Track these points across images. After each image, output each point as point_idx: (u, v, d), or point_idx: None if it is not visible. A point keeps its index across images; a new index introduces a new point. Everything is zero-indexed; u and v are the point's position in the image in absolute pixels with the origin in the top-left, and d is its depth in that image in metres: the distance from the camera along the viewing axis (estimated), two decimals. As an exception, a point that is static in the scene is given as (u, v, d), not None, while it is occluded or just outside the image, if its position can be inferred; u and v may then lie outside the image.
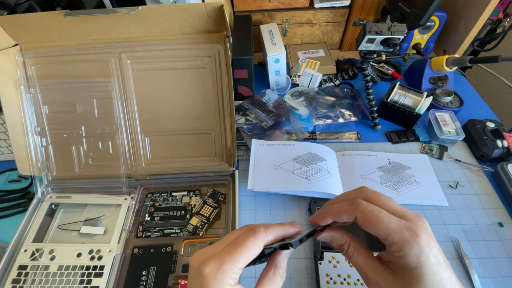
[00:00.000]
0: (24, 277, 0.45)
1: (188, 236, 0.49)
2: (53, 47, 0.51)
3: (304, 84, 0.74)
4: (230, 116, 0.53)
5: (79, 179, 0.55)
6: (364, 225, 0.27)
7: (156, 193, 0.55)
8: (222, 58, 0.50)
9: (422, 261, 0.24)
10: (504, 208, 0.51)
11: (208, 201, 0.53)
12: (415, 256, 0.24)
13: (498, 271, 0.44)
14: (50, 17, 0.47)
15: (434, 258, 0.25)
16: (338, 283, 0.43)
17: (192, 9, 0.45)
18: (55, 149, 0.55)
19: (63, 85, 0.52)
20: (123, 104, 0.53)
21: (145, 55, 0.51)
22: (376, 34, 0.54)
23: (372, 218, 0.26)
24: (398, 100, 0.64)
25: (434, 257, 0.25)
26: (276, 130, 0.64)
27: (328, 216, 0.29)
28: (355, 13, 0.78)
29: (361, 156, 0.59)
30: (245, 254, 0.24)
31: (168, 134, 0.55)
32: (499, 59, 0.55)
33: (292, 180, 0.53)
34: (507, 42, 0.88)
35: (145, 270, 0.45)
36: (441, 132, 0.60)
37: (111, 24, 0.48)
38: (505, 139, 0.57)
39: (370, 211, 0.26)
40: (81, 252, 0.47)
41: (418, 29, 0.78)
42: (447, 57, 0.66)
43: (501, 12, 0.72)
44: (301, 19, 0.81)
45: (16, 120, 0.52)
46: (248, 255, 0.24)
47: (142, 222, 0.51)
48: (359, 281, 0.43)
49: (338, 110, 0.68)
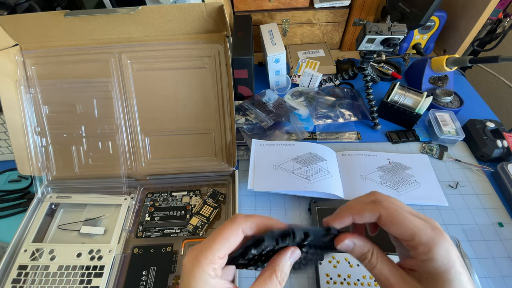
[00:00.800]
0: (24, 277, 0.45)
1: (188, 236, 0.49)
2: (53, 47, 0.51)
3: (304, 84, 0.74)
4: (230, 116, 0.53)
5: (79, 179, 0.55)
6: (388, 224, 0.25)
7: (156, 193, 0.55)
8: (222, 58, 0.50)
9: (450, 263, 0.23)
10: (504, 208, 0.51)
11: (208, 201, 0.53)
12: (443, 256, 0.23)
13: (498, 271, 0.44)
14: (50, 17, 0.47)
15: (458, 259, 0.23)
16: (338, 283, 0.43)
17: (192, 9, 0.45)
18: (55, 149, 0.55)
19: (63, 85, 0.52)
20: (123, 104, 0.53)
21: (145, 55, 0.51)
22: (376, 34, 0.54)
23: (397, 216, 0.25)
24: (398, 100, 0.64)
25: (458, 258, 0.23)
26: (276, 130, 0.64)
27: (348, 214, 0.27)
28: (355, 13, 0.78)
29: (361, 156, 0.59)
30: (224, 241, 0.24)
31: (168, 134, 0.55)
32: (499, 59, 0.55)
33: (292, 180, 0.53)
34: (507, 42, 0.88)
35: (145, 270, 0.45)
36: (441, 132, 0.60)
37: (111, 24, 0.48)
38: (505, 139, 0.57)
39: (394, 209, 0.25)
40: (81, 252, 0.47)
41: (418, 29, 0.78)
42: (447, 57, 0.66)
43: (501, 12, 0.72)
44: (301, 19, 0.81)
45: (16, 120, 0.52)
46: (227, 243, 0.24)
47: (142, 222, 0.51)
48: (359, 281, 0.43)
49: (338, 110, 0.68)
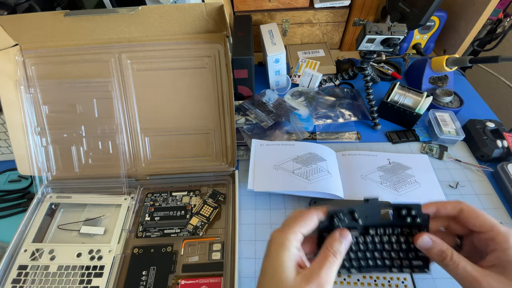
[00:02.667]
0: (24, 277, 0.45)
1: (188, 236, 0.49)
2: (53, 47, 0.51)
3: (304, 84, 0.74)
4: (230, 116, 0.53)
5: (79, 179, 0.55)
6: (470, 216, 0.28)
7: (156, 193, 0.55)
8: (222, 58, 0.50)
9: None
10: (504, 208, 0.51)
11: (208, 201, 0.53)
12: None
13: (498, 271, 0.44)
14: (50, 17, 0.47)
15: None
16: (338, 283, 0.43)
17: (192, 9, 0.45)
18: (55, 149, 0.55)
19: (63, 85, 0.52)
20: (123, 104, 0.53)
21: (145, 55, 0.51)
22: (376, 34, 0.54)
23: (476, 211, 0.28)
24: (398, 100, 0.64)
25: None
26: (276, 130, 0.64)
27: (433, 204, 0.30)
28: (355, 13, 0.78)
29: (361, 156, 0.59)
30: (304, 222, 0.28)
31: (168, 134, 0.55)
32: (499, 59, 0.55)
33: (292, 180, 0.53)
34: (507, 42, 0.88)
35: (145, 270, 0.45)
36: (441, 132, 0.60)
37: (111, 24, 0.48)
38: (505, 139, 0.57)
39: (473, 207, 0.28)
40: (81, 252, 0.47)
41: (418, 29, 0.78)
42: (447, 57, 0.66)
43: (501, 12, 0.72)
44: (301, 19, 0.81)
45: (16, 120, 0.52)
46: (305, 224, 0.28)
47: (142, 222, 0.51)
48: (359, 281, 0.43)
49: (338, 110, 0.68)
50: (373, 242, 0.29)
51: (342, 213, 0.29)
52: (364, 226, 0.29)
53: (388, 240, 0.29)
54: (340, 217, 0.28)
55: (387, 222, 0.29)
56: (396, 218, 0.29)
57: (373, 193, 0.53)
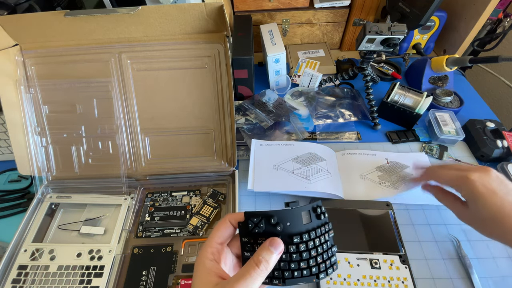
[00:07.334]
0: (24, 277, 0.45)
1: (188, 236, 0.49)
2: (53, 47, 0.51)
3: (304, 84, 0.74)
4: (230, 116, 0.53)
5: (79, 179, 0.55)
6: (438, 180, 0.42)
7: (156, 193, 0.55)
8: (222, 58, 0.50)
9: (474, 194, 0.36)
10: (504, 208, 0.51)
11: (208, 201, 0.53)
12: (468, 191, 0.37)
13: (498, 271, 0.44)
14: (50, 17, 0.47)
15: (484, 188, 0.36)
16: (338, 283, 0.43)
17: (192, 9, 0.45)
18: (55, 149, 0.55)
19: (63, 85, 0.52)
20: (123, 104, 0.53)
21: (145, 55, 0.51)
22: (376, 34, 0.54)
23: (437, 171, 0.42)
24: (398, 100, 0.64)
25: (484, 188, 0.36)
26: (276, 130, 0.64)
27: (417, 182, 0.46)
28: (355, 13, 0.78)
29: (360, 155, 0.59)
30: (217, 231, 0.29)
31: (168, 134, 0.55)
32: (499, 59, 0.55)
33: (292, 180, 0.52)
34: (507, 42, 0.88)
35: (145, 270, 0.45)
36: (441, 132, 0.60)
37: (111, 24, 0.48)
38: (505, 139, 0.57)
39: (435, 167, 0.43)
40: (81, 252, 0.47)
41: (418, 29, 0.78)
42: (447, 57, 0.66)
43: (501, 12, 0.72)
44: (301, 19, 0.81)
45: (16, 120, 0.52)
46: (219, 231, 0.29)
47: (142, 222, 0.51)
48: (359, 281, 0.43)
49: (338, 110, 0.68)
50: (298, 251, 0.27)
51: (257, 217, 0.27)
52: (289, 235, 0.27)
53: (313, 245, 0.27)
54: (254, 221, 0.27)
55: (311, 226, 0.28)
56: (316, 220, 0.28)
57: (371, 194, 0.53)
